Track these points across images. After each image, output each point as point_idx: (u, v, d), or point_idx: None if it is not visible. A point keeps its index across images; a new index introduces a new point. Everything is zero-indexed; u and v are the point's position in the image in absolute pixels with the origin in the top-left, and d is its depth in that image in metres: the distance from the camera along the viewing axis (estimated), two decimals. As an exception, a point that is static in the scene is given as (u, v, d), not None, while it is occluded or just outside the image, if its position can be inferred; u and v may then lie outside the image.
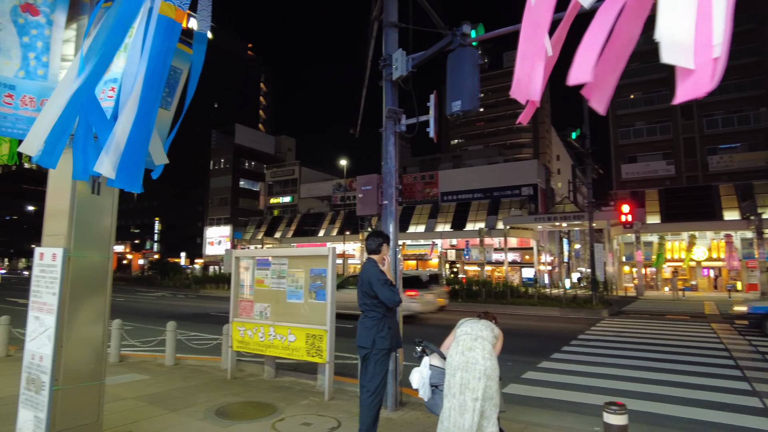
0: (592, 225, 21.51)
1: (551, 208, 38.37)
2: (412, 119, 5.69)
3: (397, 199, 5.65)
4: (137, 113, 2.86)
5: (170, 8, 2.94)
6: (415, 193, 45.26)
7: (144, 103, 2.87)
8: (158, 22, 2.92)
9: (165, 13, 2.92)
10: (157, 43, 2.90)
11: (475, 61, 4.65)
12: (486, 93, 79.71)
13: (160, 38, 2.91)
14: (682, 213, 30.44)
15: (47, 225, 4.12)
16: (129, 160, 2.86)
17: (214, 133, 67.30)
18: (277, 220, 52.93)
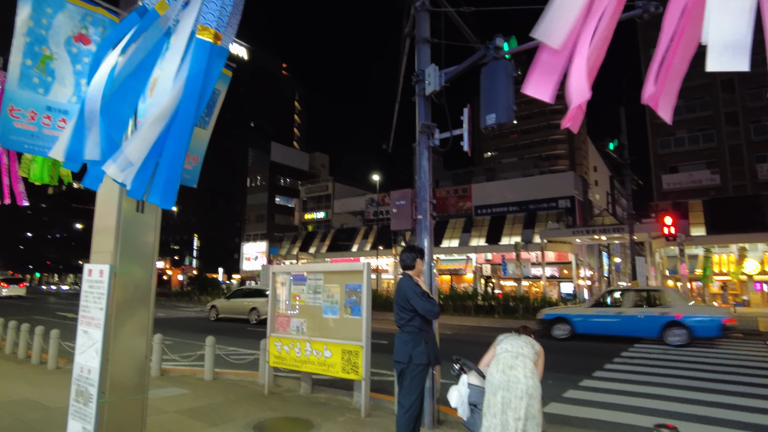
0: (632, 237, 20.80)
1: (589, 221, 37.36)
2: (445, 133, 5.68)
3: (432, 214, 5.62)
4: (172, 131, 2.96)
5: (208, 31, 3.04)
6: (449, 207, 44.97)
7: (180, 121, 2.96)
8: (196, 44, 3.03)
9: (203, 36, 3.03)
10: (194, 65, 3.00)
11: (509, 74, 4.62)
12: (519, 105, 78.65)
13: (197, 60, 3.00)
14: (730, 224, 29.04)
15: (95, 242, 4.29)
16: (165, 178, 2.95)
17: (251, 151, 69.12)
18: (311, 236, 53.57)
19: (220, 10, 3.07)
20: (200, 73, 2.99)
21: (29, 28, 3.91)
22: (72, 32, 4.17)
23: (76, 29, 4.18)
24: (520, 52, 4.95)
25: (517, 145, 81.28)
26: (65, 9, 4.15)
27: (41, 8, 3.98)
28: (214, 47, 3.06)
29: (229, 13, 3.10)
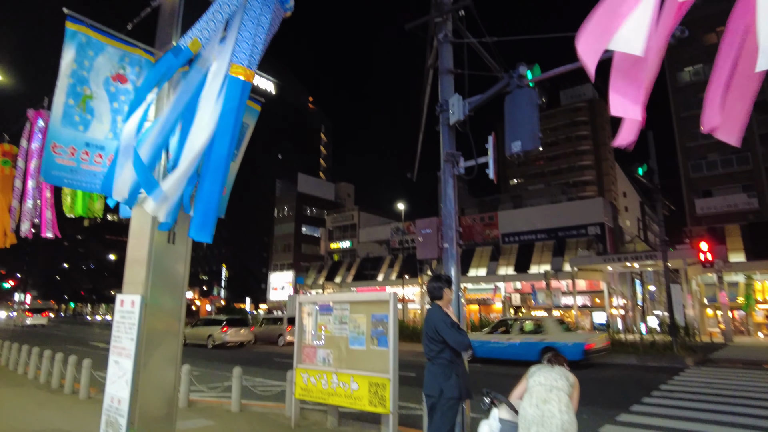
0: (666, 264, 20.09)
1: (621, 248, 36.39)
2: (470, 161, 5.68)
3: (458, 242, 5.58)
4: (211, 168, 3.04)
5: (241, 69, 3.16)
6: (475, 235, 44.54)
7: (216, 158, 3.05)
8: (230, 82, 3.14)
9: (236, 74, 3.14)
10: (227, 102, 3.10)
11: (534, 102, 4.62)
12: (545, 131, 78.60)
13: (230, 97, 3.11)
14: (773, 249, 27.81)
15: (127, 273, 4.39)
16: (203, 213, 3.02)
17: (279, 182, 70.48)
18: (337, 265, 53.68)
19: (251, 49, 3.19)
20: (233, 109, 3.10)
21: (73, 70, 4.13)
22: (111, 72, 4.39)
23: (114, 69, 4.40)
24: (543, 79, 4.96)
25: (544, 171, 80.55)
26: (105, 51, 4.38)
27: (84, 51, 4.21)
28: (246, 84, 3.18)
29: (260, 52, 3.22)
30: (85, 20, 4.20)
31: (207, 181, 3.04)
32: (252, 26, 3.21)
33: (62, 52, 4.10)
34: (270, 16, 3.25)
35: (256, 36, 3.20)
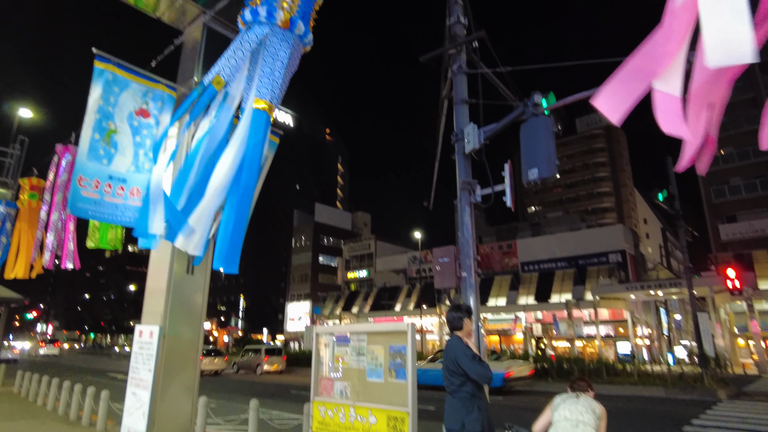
0: (692, 292, 19.51)
1: (643, 276, 35.54)
2: (487, 189, 5.66)
3: (477, 271, 5.51)
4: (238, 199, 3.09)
5: (263, 103, 3.24)
6: (493, 264, 44.00)
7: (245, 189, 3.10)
8: (254, 115, 3.22)
9: (259, 107, 3.22)
10: (253, 135, 3.18)
11: (550, 129, 4.62)
12: (561, 159, 78.31)
13: (255, 130, 3.19)
14: (806, 275, 26.85)
15: (146, 303, 4.42)
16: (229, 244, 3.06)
17: (296, 212, 71.16)
18: (354, 295, 53.38)
19: (272, 83, 3.28)
20: (260, 141, 3.17)
21: (99, 106, 4.29)
22: (134, 107, 4.54)
23: (137, 105, 4.55)
24: (558, 107, 4.97)
25: (562, 199, 79.91)
26: (130, 87, 4.54)
27: (110, 88, 4.37)
28: (268, 117, 3.26)
29: (279, 86, 3.31)
30: (112, 59, 4.38)
31: (234, 212, 3.09)
32: (271, 61, 3.30)
33: (90, 89, 4.26)
34: (289, 51, 3.35)
35: (276, 70, 3.29)
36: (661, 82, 1.92)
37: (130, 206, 4.43)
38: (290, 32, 3.39)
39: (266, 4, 3.46)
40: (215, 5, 4.84)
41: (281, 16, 3.39)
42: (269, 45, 3.40)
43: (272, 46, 3.37)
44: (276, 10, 3.42)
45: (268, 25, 3.43)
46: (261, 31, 3.43)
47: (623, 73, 2.00)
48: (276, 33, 3.38)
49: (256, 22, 3.48)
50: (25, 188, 10.33)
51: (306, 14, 3.47)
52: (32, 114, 15.57)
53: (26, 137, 13.91)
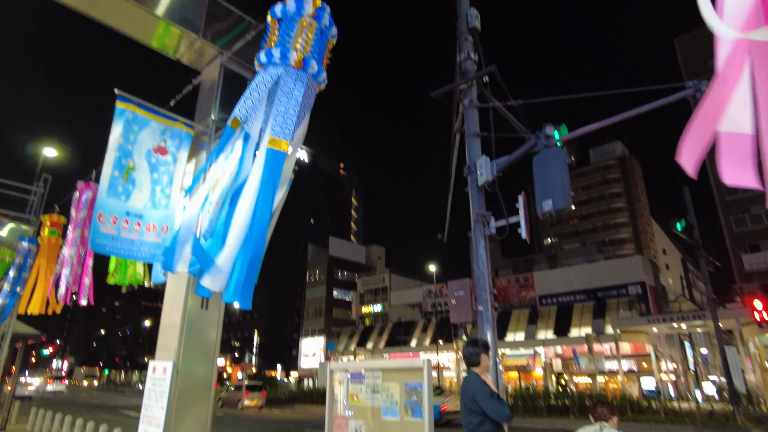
0: (718, 325, 18.86)
1: (665, 308, 34.56)
2: (501, 221, 5.63)
3: (493, 304, 5.40)
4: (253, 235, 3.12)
5: (278, 141, 3.31)
6: (510, 297, 43.28)
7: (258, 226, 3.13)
8: (268, 154, 3.28)
9: (273, 146, 3.29)
10: (267, 172, 3.23)
11: (563, 160, 4.61)
12: (576, 190, 78.08)
13: (269, 168, 3.24)
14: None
15: (161, 339, 4.41)
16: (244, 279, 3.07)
17: (311, 246, 71.33)
18: (368, 330, 52.71)
19: (286, 121, 3.35)
20: (273, 179, 3.22)
21: (119, 144, 4.40)
22: (153, 145, 4.65)
23: (156, 142, 4.67)
24: (571, 138, 4.97)
25: (578, 230, 79.03)
26: (149, 126, 4.67)
27: (130, 127, 4.50)
28: (283, 155, 3.32)
29: (294, 123, 3.38)
30: (133, 98, 4.52)
31: (249, 248, 3.11)
32: (285, 100, 3.38)
33: (111, 128, 4.39)
34: (303, 90, 3.43)
35: (290, 109, 3.37)
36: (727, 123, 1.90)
37: (145, 242, 4.48)
38: (304, 72, 3.47)
39: (280, 46, 3.57)
40: (232, 46, 5.01)
41: (294, 56, 3.48)
42: (283, 84, 3.49)
43: (286, 85, 3.46)
44: (289, 51, 3.52)
45: (282, 66, 3.53)
46: (275, 71, 3.53)
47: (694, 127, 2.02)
48: (290, 73, 3.47)
49: (270, 64, 3.58)
50: (46, 225, 10.56)
51: (320, 54, 3.57)
52: (56, 153, 16.07)
53: (50, 175, 14.31)
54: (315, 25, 3.55)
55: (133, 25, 4.83)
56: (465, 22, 6.74)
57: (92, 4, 4.59)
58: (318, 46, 3.53)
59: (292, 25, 3.60)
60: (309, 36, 3.50)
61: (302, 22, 3.60)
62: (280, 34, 3.60)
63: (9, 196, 12.86)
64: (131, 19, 4.74)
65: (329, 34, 3.68)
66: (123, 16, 4.72)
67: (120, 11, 4.64)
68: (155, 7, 4.65)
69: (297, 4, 3.59)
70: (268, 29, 3.74)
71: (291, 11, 3.60)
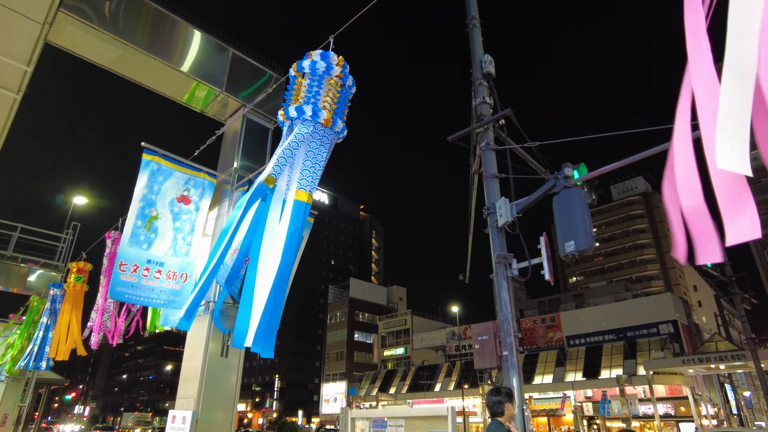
0: (759, 366, 17.89)
1: (700, 347, 32.98)
2: (523, 263, 5.54)
3: (518, 349, 5.25)
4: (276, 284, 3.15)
5: (304, 194, 3.40)
6: (537, 339, 42.01)
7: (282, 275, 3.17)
8: (295, 206, 3.36)
9: (299, 198, 3.37)
10: (293, 223, 3.30)
11: (584, 201, 4.56)
12: (600, 227, 76.79)
13: (295, 218, 3.31)
14: None
15: (181, 388, 4.38)
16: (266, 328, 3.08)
17: (331, 288, 71.07)
18: (391, 374, 51.48)
19: (312, 176, 3.46)
20: (299, 229, 3.30)
21: (143, 195, 4.54)
22: (176, 194, 4.78)
23: (179, 192, 4.80)
24: (591, 178, 4.94)
25: (604, 268, 77.20)
26: (173, 176, 4.81)
27: (155, 177, 4.64)
28: (308, 206, 3.41)
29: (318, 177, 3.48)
30: (159, 151, 4.69)
31: (271, 297, 3.13)
32: (313, 155, 3.52)
33: (137, 179, 4.54)
34: (328, 146, 3.58)
35: (317, 164, 3.50)
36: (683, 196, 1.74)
37: (165, 289, 4.54)
38: (330, 129, 3.60)
39: (310, 104, 3.69)
40: (254, 99, 5.21)
41: (324, 115, 3.62)
42: (312, 141, 3.62)
43: (314, 141, 3.58)
44: (320, 110, 3.66)
45: (312, 123, 3.65)
46: (306, 129, 3.65)
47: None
48: (318, 130, 3.61)
49: (300, 119, 3.69)
50: (72, 271, 10.80)
51: (342, 110, 3.70)
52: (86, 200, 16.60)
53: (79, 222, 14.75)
54: (340, 84, 3.71)
55: (162, 82, 5.07)
56: (480, 68, 6.89)
57: (123, 64, 4.85)
58: (341, 104, 3.68)
59: (321, 83, 3.75)
60: (335, 95, 3.65)
61: (330, 81, 3.75)
62: (309, 90, 3.74)
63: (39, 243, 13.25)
64: (160, 77, 4.99)
65: (351, 92, 3.83)
66: (152, 74, 4.97)
67: (149, 69, 4.89)
68: (182, 64, 4.90)
69: (326, 63, 3.74)
70: (293, 82, 3.88)
71: (320, 70, 3.75)
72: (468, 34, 7.70)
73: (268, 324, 3.11)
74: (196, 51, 5.09)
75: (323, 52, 3.90)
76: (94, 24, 4.74)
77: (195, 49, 5.11)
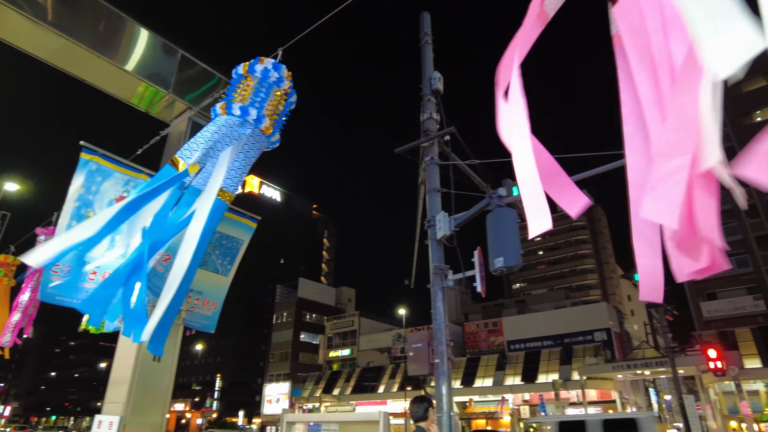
0: (676, 372, 19.30)
1: (629, 354, 35.07)
2: (458, 275, 5.81)
3: (450, 357, 5.50)
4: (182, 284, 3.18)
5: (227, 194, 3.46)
6: (480, 343, 43.20)
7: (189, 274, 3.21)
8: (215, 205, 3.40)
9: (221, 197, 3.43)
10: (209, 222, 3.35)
11: (514, 220, 4.87)
12: (544, 236, 79.85)
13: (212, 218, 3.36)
14: (789, 355, 26.74)
15: (110, 392, 4.32)
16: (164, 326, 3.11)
17: (279, 287, 70.04)
18: (335, 375, 51.36)
19: (238, 178, 3.52)
20: (212, 230, 3.35)
21: (80, 195, 4.45)
22: (115, 195, 4.71)
23: (118, 192, 4.73)
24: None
25: (547, 275, 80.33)
26: (113, 176, 4.74)
27: (93, 177, 4.56)
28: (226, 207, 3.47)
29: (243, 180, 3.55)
30: (98, 150, 4.61)
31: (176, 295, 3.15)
32: (243, 157, 3.58)
33: (72, 178, 4.44)
34: (259, 152, 3.64)
35: (245, 167, 3.57)
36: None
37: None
38: (267, 138, 3.67)
39: (255, 108, 3.73)
40: (201, 102, 5.19)
41: (266, 123, 3.68)
42: (247, 143, 3.66)
43: (249, 145, 3.64)
44: (264, 117, 3.71)
45: (252, 126, 3.69)
46: (245, 130, 3.68)
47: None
48: (255, 135, 3.66)
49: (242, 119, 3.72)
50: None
51: (281, 123, 3.78)
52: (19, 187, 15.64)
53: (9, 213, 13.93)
54: (285, 99, 3.79)
55: (105, 79, 4.96)
56: (429, 84, 7.14)
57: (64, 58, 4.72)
58: (281, 117, 3.75)
59: (269, 92, 3.81)
60: (279, 108, 3.73)
61: (278, 92, 3.83)
62: (256, 95, 3.78)
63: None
64: (103, 74, 4.89)
65: (291, 107, 3.92)
66: (95, 71, 4.86)
67: (92, 66, 4.79)
68: (127, 63, 4.82)
69: (278, 75, 3.81)
70: (239, 80, 3.89)
71: (271, 79, 3.81)
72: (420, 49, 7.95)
73: (166, 322, 3.15)
74: (142, 50, 5.02)
75: (276, 62, 3.98)
76: (27, 13, 4.56)
77: (141, 48, 5.03)
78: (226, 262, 5.24)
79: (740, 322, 32.04)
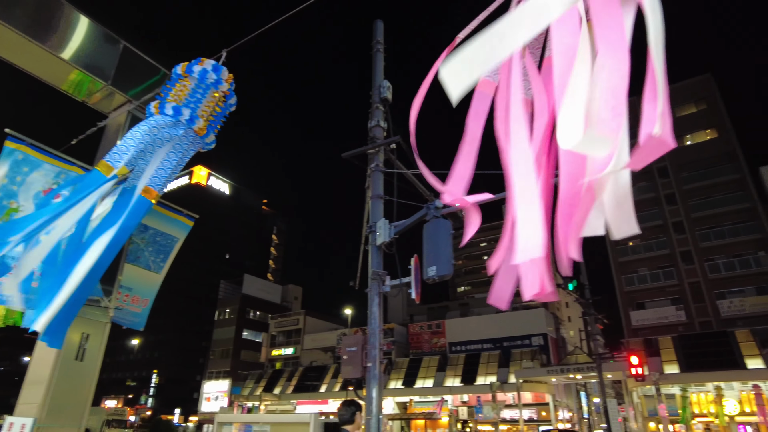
0: (602, 377, 20.50)
1: (563, 359, 36.77)
2: (395, 281, 5.97)
3: (382, 361, 5.64)
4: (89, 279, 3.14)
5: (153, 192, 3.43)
6: (422, 344, 43.92)
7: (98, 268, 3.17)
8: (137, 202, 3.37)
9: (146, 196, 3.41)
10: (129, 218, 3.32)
11: (448, 231, 5.08)
12: (490, 242, 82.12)
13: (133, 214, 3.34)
14: (702, 361, 28.90)
15: (23, 393, 4.15)
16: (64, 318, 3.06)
17: (223, 283, 68.28)
18: (278, 374, 50.67)
19: (168, 177, 3.50)
20: (132, 227, 3.32)
21: (2, 185, 4.25)
22: (43, 187, 4.53)
23: (48, 184, 4.55)
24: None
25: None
26: (41, 167, 4.55)
27: (18, 168, 4.36)
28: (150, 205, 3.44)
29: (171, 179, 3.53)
30: (26, 139, 4.42)
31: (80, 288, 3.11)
32: (174, 156, 3.54)
33: (-5, 167, 4.23)
34: (192, 153, 3.62)
35: (175, 167, 3.54)
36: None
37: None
38: (201, 139, 3.66)
39: (189, 109, 3.71)
40: (142, 97, 5.07)
41: (200, 123, 3.66)
42: (178, 143, 3.64)
43: (180, 145, 3.61)
44: (197, 117, 3.70)
45: (184, 127, 3.68)
46: (176, 131, 3.66)
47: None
48: (188, 135, 3.64)
49: (174, 119, 3.70)
50: None
51: (217, 124, 3.77)
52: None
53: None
54: (223, 101, 3.79)
55: (39, 66, 4.75)
56: (378, 93, 7.28)
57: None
58: (218, 118, 3.74)
59: (205, 93, 3.79)
60: (216, 109, 3.72)
61: (215, 94, 3.82)
62: (192, 96, 3.76)
63: None
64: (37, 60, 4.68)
65: (230, 108, 3.92)
66: (28, 56, 4.64)
67: (24, 51, 4.57)
68: (63, 51, 4.64)
69: (217, 77, 3.80)
70: (176, 80, 3.86)
71: (209, 80, 3.79)
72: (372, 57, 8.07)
73: (67, 315, 3.11)
74: (81, 38, 4.84)
75: (216, 64, 3.96)
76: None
77: (80, 36, 4.84)
78: (159, 259, 5.15)
79: (663, 330, 34.36)
